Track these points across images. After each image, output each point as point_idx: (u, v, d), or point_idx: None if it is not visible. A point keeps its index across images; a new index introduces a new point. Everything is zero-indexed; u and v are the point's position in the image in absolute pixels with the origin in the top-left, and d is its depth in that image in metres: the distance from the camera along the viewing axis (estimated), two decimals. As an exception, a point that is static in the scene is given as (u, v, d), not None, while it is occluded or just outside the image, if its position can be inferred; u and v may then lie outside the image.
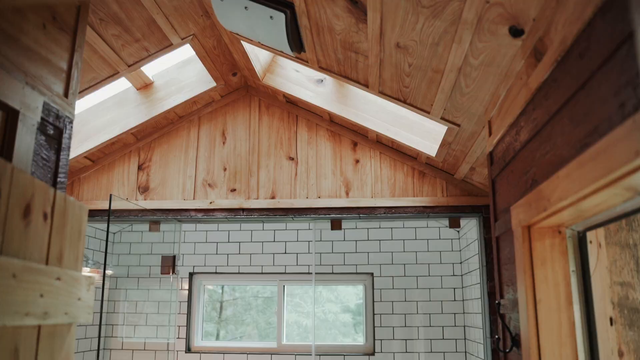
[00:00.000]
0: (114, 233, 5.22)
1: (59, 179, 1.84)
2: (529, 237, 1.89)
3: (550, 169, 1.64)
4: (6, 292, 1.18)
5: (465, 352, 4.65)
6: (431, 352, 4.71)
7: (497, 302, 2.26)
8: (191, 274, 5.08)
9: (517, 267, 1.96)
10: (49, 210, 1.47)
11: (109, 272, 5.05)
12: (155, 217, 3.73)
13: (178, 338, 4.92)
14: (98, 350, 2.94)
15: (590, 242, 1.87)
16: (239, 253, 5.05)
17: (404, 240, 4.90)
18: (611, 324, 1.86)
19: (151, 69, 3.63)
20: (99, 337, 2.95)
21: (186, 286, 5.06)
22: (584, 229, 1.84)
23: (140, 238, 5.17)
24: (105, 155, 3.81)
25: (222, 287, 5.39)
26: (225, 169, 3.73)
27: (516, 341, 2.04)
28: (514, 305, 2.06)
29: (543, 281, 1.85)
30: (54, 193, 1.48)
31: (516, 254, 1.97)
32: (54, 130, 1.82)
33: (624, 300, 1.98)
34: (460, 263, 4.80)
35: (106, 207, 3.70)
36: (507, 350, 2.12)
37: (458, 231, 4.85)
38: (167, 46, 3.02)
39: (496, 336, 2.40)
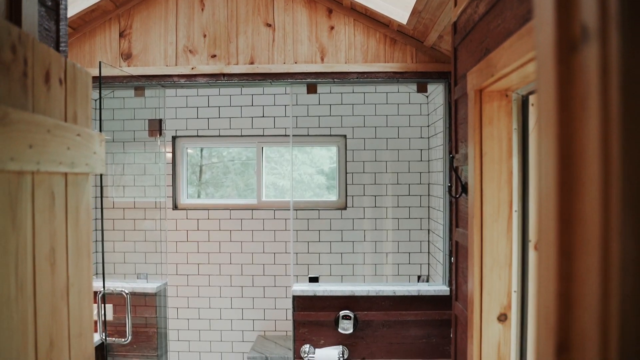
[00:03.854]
0: (96, 100, 5.36)
1: (61, 48, 2.02)
2: (480, 99, 2.18)
3: (499, 39, 1.89)
4: (43, 144, 1.44)
5: (429, 206, 5.16)
6: (398, 206, 5.21)
7: (451, 155, 2.61)
8: (174, 137, 5.35)
9: (469, 126, 2.27)
10: (62, 76, 1.68)
11: (94, 136, 5.26)
12: (140, 83, 3.90)
13: (166, 197, 5.31)
14: (102, 208, 3.27)
15: (532, 104, 2.17)
16: (219, 117, 5.30)
17: (375, 104, 5.18)
18: (542, 172, 2.23)
19: None
20: (102, 196, 3.27)
21: (169, 149, 5.35)
22: (527, 93, 2.13)
23: (123, 104, 5.34)
24: (86, 22, 3.87)
25: (201, 152, 5.69)
26: (205, 36, 3.85)
27: (465, 188, 2.41)
28: (465, 159, 2.40)
29: (489, 137, 2.17)
30: (65, 60, 1.69)
31: (469, 114, 2.27)
32: (52, 2, 1.96)
33: (557, 153, 2.33)
34: (428, 126, 5.14)
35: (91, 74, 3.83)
36: (457, 196, 2.50)
37: (427, 96, 5.13)
38: None
39: (449, 184, 2.79)
